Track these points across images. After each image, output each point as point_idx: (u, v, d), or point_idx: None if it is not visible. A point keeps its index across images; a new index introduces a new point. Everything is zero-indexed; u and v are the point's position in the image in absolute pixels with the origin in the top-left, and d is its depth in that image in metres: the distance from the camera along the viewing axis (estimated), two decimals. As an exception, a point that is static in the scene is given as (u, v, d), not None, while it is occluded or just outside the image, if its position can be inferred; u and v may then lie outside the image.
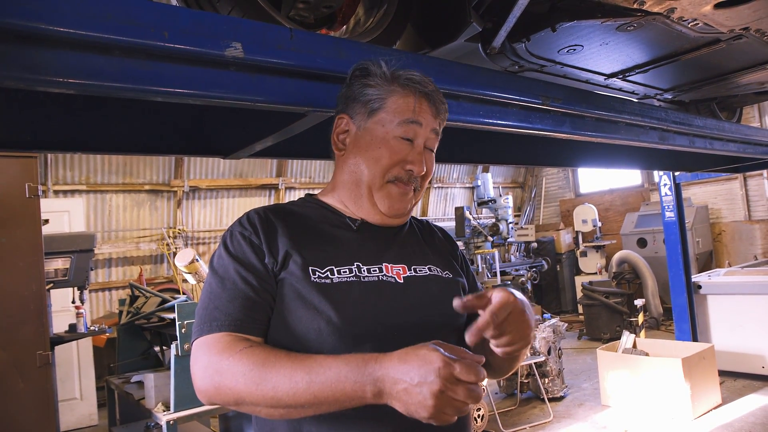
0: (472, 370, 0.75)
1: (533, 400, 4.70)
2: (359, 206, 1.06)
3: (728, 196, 7.88)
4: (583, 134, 1.95)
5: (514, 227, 7.80)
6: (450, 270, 1.11)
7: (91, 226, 6.15)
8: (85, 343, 5.10)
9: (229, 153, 1.67)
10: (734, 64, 2.33)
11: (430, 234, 1.19)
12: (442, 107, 1.07)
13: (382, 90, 1.03)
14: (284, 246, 0.98)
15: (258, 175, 7.37)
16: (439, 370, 0.74)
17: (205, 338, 0.90)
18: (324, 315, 0.91)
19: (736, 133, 2.77)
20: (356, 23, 1.70)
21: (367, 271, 0.99)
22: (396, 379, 0.77)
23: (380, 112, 1.03)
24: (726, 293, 5.05)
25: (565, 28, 1.75)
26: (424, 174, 1.05)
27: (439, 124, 1.08)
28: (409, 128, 1.02)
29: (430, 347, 0.78)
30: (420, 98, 1.04)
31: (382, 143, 1.02)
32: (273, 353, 0.86)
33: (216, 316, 0.91)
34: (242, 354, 0.86)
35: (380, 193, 1.04)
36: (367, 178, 1.04)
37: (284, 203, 1.12)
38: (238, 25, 1.09)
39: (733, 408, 4.23)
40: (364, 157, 1.04)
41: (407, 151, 1.03)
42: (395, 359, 0.79)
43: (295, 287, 0.94)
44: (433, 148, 1.08)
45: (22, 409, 2.92)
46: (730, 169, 4.19)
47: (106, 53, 0.96)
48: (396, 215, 1.06)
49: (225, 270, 0.96)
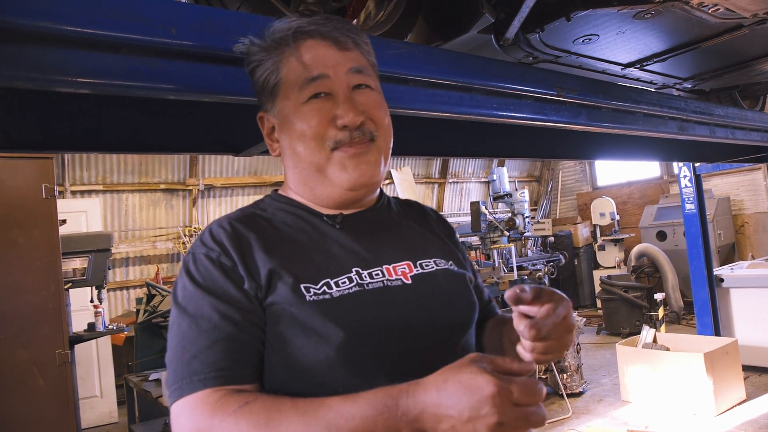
0: (532, 390, 0.62)
1: (552, 396, 4.65)
2: (323, 194, 0.89)
3: (751, 187, 7.71)
4: (599, 126, 1.91)
5: (530, 221, 7.73)
6: (453, 260, 0.95)
7: (108, 225, 6.23)
8: (104, 341, 5.17)
9: (241, 150, 1.67)
10: (757, 51, 2.26)
11: (423, 216, 1.04)
12: (343, 36, 0.87)
13: (269, 63, 0.88)
14: (265, 264, 0.80)
15: (272, 173, 7.39)
16: (494, 398, 0.60)
17: (186, 399, 0.72)
18: (331, 340, 0.75)
19: (760, 122, 2.70)
20: (367, 17, 1.68)
21: (369, 276, 0.83)
22: (439, 416, 0.62)
23: (280, 88, 0.87)
24: (749, 286, 4.94)
25: (580, 17, 1.71)
26: (372, 118, 0.86)
27: (355, 59, 0.87)
28: (314, 86, 0.85)
29: (474, 368, 0.63)
30: (308, 46, 0.85)
31: (297, 116, 0.85)
32: (276, 407, 0.69)
33: (196, 369, 0.73)
34: (238, 415, 0.69)
35: (332, 167, 0.85)
36: (308, 159, 0.86)
37: (249, 206, 0.93)
38: (247, 21, 1.08)
39: (758, 404, 4.14)
40: (292, 140, 0.87)
41: (329, 108, 0.84)
42: (432, 389, 0.64)
43: (289, 312, 0.77)
44: (367, 84, 0.88)
45: (44, 407, 2.96)
46: (753, 159, 4.09)
47: (114, 51, 0.95)
48: (364, 184, 0.87)
49: (196, 306, 0.77)
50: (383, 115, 0.89)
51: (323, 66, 0.85)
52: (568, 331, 0.75)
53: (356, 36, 0.89)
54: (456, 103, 1.47)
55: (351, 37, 0.88)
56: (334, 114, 0.84)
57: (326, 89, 0.85)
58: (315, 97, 0.85)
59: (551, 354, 0.75)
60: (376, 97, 0.90)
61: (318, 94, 0.85)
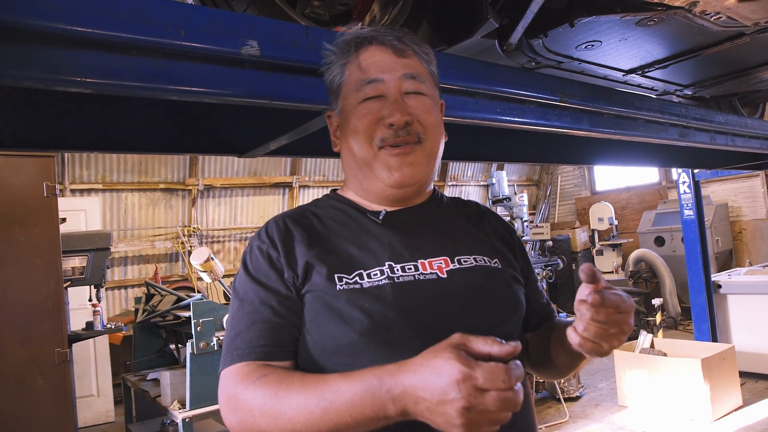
0: (497, 375, 0.63)
1: (549, 400, 4.66)
2: (371, 190, 0.97)
3: (749, 194, 7.74)
4: (601, 131, 1.92)
5: (529, 225, 7.73)
6: (499, 258, 0.97)
7: (108, 224, 6.22)
8: (102, 340, 5.16)
9: (244, 152, 1.67)
10: (758, 59, 2.27)
11: (479, 217, 1.06)
12: (401, 44, 0.95)
13: (336, 66, 0.97)
14: (303, 256, 0.89)
15: (272, 174, 7.39)
16: (458, 383, 0.62)
17: (226, 370, 0.84)
18: (355, 325, 0.82)
19: (759, 130, 2.72)
20: (371, 20, 1.69)
21: (401, 270, 0.87)
22: (416, 397, 0.66)
23: (343, 89, 0.96)
24: (747, 293, 4.95)
25: (583, 23, 1.72)
26: (420, 120, 0.92)
27: (411, 65, 0.94)
28: (369, 88, 0.93)
29: (447, 352, 0.66)
30: (368, 52, 0.94)
31: (353, 115, 0.94)
32: (286, 381, 0.78)
33: (237, 345, 0.85)
34: (256, 385, 0.79)
35: (378, 164, 0.93)
36: (358, 155, 0.94)
37: (307, 205, 1.03)
38: (254, 23, 1.09)
39: (754, 410, 4.15)
40: (347, 137, 0.96)
41: (379, 108, 0.92)
42: (410, 371, 0.68)
43: (322, 299, 0.85)
44: (420, 91, 0.94)
45: (41, 406, 2.95)
46: (752, 166, 4.11)
47: (123, 52, 0.96)
48: (406, 183, 0.94)
49: (245, 292, 0.89)
50: (432, 119, 0.95)
51: (379, 70, 0.93)
52: (622, 330, 0.76)
53: (415, 45, 0.97)
54: (460, 107, 1.48)
55: (410, 46, 0.95)
56: (383, 114, 0.91)
57: (380, 92, 0.92)
58: (369, 99, 0.93)
59: (599, 342, 0.75)
60: (428, 102, 0.95)
61: (373, 96, 0.92)
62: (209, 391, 2.99)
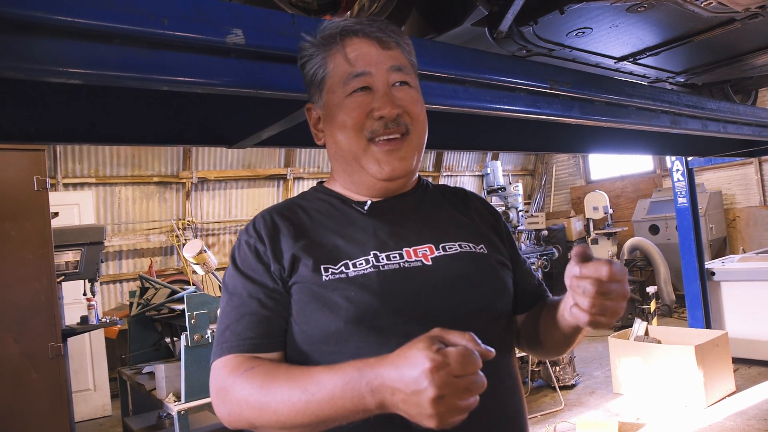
0: (468, 360, 0.65)
1: (544, 389, 4.68)
2: (359, 182, 0.97)
3: (743, 182, 7.76)
4: (592, 119, 1.91)
5: (524, 215, 7.73)
6: (486, 244, 0.98)
7: (101, 218, 6.19)
8: (98, 334, 5.15)
9: (234, 142, 1.66)
10: (750, 45, 2.26)
11: (464, 203, 1.07)
12: (386, 36, 0.94)
13: (318, 59, 0.96)
14: (289, 249, 0.90)
15: (266, 166, 7.36)
16: (430, 372, 0.64)
17: (216, 362, 0.87)
18: (342, 314, 0.83)
19: (751, 116, 2.71)
20: (360, 8, 1.67)
21: (386, 258, 0.89)
22: (393, 389, 0.67)
23: (327, 82, 0.95)
24: (740, 280, 4.99)
25: (573, 10, 1.71)
26: (408, 111, 0.93)
27: (396, 57, 0.95)
28: (357, 81, 0.92)
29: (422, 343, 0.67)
30: (354, 44, 0.93)
31: (340, 108, 0.93)
32: (272, 374, 0.80)
33: (227, 338, 0.87)
34: (243, 378, 0.81)
35: (367, 158, 0.93)
36: (346, 148, 0.94)
37: (295, 198, 1.04)
38: (239, 12, 1.07)
39: (747, 395, 4.19)
40: (333, 130, 0.95)
41: (368, 101, 0.92)
42: (388, 364, 0.69)
43: (309, 289, 0.87)
44: (407, 82, 0.95)
45: (36, 400, 2.95)
46: (744, 153, 4.12)
47: (106, 42, 0.95)
48: (396, 176, 0.94)
49: (234, 286, 0.91)
50: (419, 110, 0.96)
51: (366, 63, 0.93)
52: (623, 295, 0.77)
53: (398, 37, 0.97)
54: (449, 95, 1.47)
55: (393, 38, 0.95)
56: (373, 107, 0.92)
57: (368, 84, 0.93)
58: (357, 91, 0.92)
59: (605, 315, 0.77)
60: (414, 93, 0.96)
61: (360, 88, 0.92)
62: (204, 383, 2.99)
